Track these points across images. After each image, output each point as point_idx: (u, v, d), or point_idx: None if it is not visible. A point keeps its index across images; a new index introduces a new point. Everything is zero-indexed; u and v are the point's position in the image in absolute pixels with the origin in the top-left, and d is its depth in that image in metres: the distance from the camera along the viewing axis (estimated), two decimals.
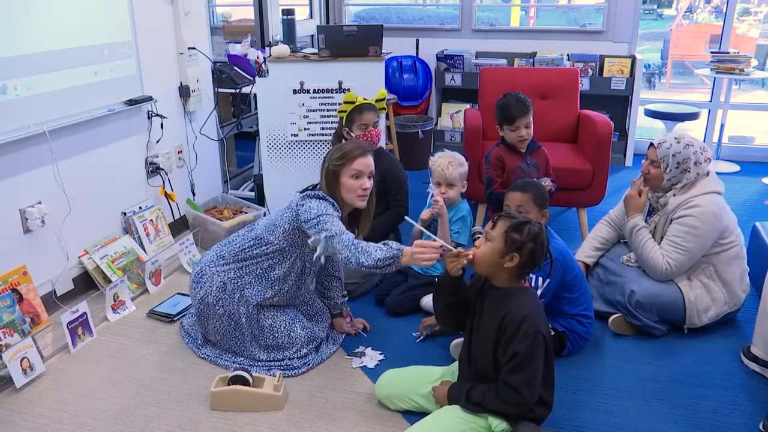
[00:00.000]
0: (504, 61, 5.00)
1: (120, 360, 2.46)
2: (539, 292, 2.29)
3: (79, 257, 2.93)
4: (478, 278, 2.04)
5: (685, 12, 9.81)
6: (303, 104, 3.48)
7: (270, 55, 3.50)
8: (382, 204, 2.94)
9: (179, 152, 3.59)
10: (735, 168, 4.86)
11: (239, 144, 4.63)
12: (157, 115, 3.29)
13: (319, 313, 2.59)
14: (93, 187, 2.98)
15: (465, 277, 2.02)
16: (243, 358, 2.41)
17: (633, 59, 4.80)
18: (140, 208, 3.27)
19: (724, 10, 5.00)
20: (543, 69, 4.55)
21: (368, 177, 2.34)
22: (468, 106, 4.78)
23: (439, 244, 2.01)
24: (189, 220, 3.60)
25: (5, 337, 2.42)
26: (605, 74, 4.84)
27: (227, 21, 5.72)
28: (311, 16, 5.25)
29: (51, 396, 2.25)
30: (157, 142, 3.36)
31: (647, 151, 2.63)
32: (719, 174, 2.67)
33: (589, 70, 4.84)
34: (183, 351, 2.51)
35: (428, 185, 2.85)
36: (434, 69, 5.21)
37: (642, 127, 5.22)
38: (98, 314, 2.73)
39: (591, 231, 2.96)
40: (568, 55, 4.92)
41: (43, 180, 2.68)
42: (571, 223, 3.66)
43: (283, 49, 3.49)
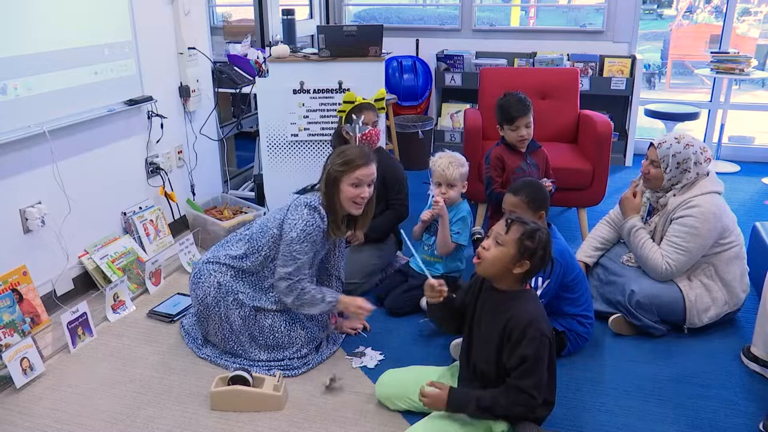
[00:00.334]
0: (504, 61, 5.00)
1: (120, 360, 2.46)
2: (539, 293, 2.28)
3: (79, 257, 2.93)
4: (477, 279, 2.04)
5: (685, 12, 9.81)
6: (303, 104, 3.48)
7: (270, 55, 3.50)
8: (382, 203, 2.94)
9: (179, 152, 3.59)
10: (735, 168, 4.86)
11: (239, 144, 4.63)
12: (157, 115, 3.29)
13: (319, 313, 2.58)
14: (93, 187, 2.98)
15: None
16: (243, 359, 2.41)
17: (633, 59, 4.80)
18: (140, 208, 3.27)
19: (724, 10, 5.00)
20: (543, 69, 4.55)
21: (368, 185, 2.35)
22: (468, 106, 4.78)
23: (370, 308, 2.36)
24: (189, 220, 3.60)
25: (5, 337, 2.42)
26: (605, 74, 4.84)
27: (227, 21, 5.72)
28: (311, 16, 5.25)
29: (51, 396, 2.25)
30: (157, 142, 3.36)
31: (647, 151, 2.63)
32: (719, 174, 2.67)
33: (589, 70, 4.84)
34: (183, 351, 2.51)
35: (428, 185, 2.85)
36: (434, 69, 5.21)
37: (642, 127, 5.22)
38: (98, 314, 2.73)
39: (591, 231, 2.96)
40: (568, 55, 4.92)
41: (43, 180, 2.68)
42: (571, 223, 3.66)
43: (283, 49, 3.49)
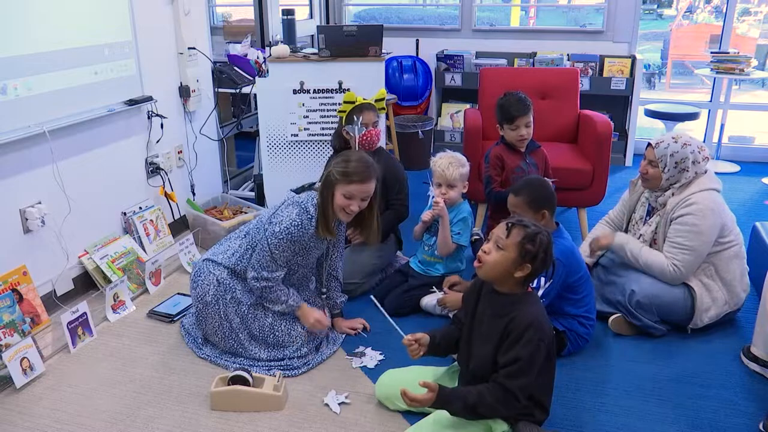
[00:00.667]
0: (504, 61, 5.00)
1: (120, 360, 2.46)
2: (540, 293, 2.28)
3: (79, 257, 2.93)
4: (477, 282, 2.04)
5: (685, 12, 9.81)
6: (303, 104, 3.48)
7: (270, 55, 3.50)
8: (383, 203, 2.94)
9: (179, 152, 3.59)
10: (735, 168, 4.85)
11: (239, 144, 4.63)
12: (157, 115, 3.29)
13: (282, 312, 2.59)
14: (93, 187, 2.98)
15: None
16: (243, 359, 2.41)
17: (633, 59, 4.80)
18: (140, 208, 3.27)
19: (724, 10, 4.99)
20: (543, 69, 4.54)
21: (361, 200, 2.36)
22: (468, 106, 4.78)
23: (327, 323, 2.45)
24: (189, 220, 3.60)
25: (5, 337, 2.42)
26: (605, 74, 4.84)
27: (227, 21, 5.72)
28: (311, 16, 5.25)
29: (51, 396, 2.25)
30: (157, 142, 3.36)
31: (645, 152, 2.63)
32: (719, 174, 2.67)
33: (589, 70, 4.84)
34: (183, 351, 2.51)
35: (428, 185, 2.85)
36: (434, 69, 5.21)
37: (642, 127, 5.22)
38: (98, 314, 2.73)
39: (591, 231, 2.96)
40: (568, 55, 4.92)
41: (43, 180, 2.68)
42: (571, 223, 3.66)
43: (283, 49, 3.49)
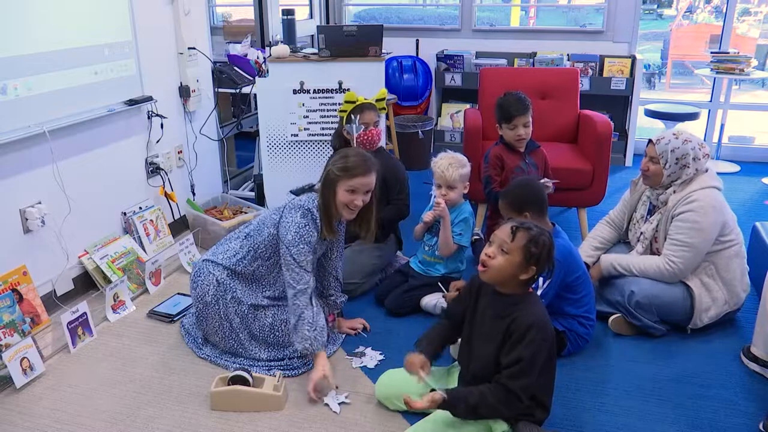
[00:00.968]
0: (504, 61, 5.00)
1: (120, 360, 2.46)
2: (539, 293, 2.28)
3: (79, 257, 2.93)
4: (474, 281, 2.04)
5: (685, 12, 9.82)
6: (303, 104, 3.48)
7: (270, 55, 3.50)
8: (384, 203, 2.93)
9: (179, 152, 3.59)
10: (735, 168, 4.85)
11: (239, 144, 4.63)
12: (157, 115, 3.29)
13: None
14: (93, 187, 2.97)
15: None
16: (243, 359, 2.41)
17: (633, 59, 4.80)
18: (140, 208, 3.27)
19: (724, 10, 4.99)
20: (543, 69, 4.54)
21: (364, 193, 2.36)
22: (468, 106, 4.78)
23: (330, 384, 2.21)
24: (189, 220, 3.60)
25: (5, 337, 2.42)
26: (605, 74, 4.84)
27: (227, 21, 5.72)
28: (311, 16, 5.25)
29: (51, 396, 2.25)
30: (157, 142, 3.36)
31: (646, 148, 2.63)
32: (719, 174, 2.66)
33: (589, 70, 4.84)
34: (183, 351, 2.51)
35: (429, 185, 2.85)
36: (434, 69, 5.21)
37: (642, 127, 5.22)
38: (98, 314, 2.73)
39: (591, 231, 2.96)
40: (568, 55, 4.92)
41: (43, 180, 2.68)
42: (571, 223, 3.66)
43: (283, 49, 3.49)
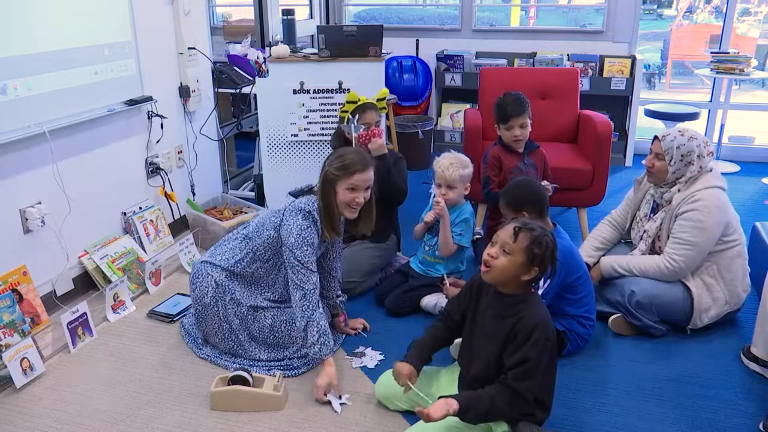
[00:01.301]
0: (504, 61, 5.00)
1: (120, 360, 2.46)
2: (540, 293, 2.28)
3: (79, 257, 2.93)
4: (473, 281, 2.04)
5: (685, 12, 9.82)
6: (303, 104, 3.48)
7: (270, 55, 3.50)
8: (383, 204, 2.93)
9: (179, 152, 3.59)
10: (735, 168, 4.85)
11: (239, 144, 4.63)
12: (157, 115, 3.29)
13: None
14: (93, 187, 2.97)
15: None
16: (243, 359, 2.41)
17: (633, 59, 4.80)
18: (140, 208, 3.27)
19: (724, 10, 5.00)
20: (543, 69, 4.55)
21: (365, 190, 2.36)
22: (468, 106, 4.78)
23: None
24: (189, 220, 3.60)
25: (5, 337, 2.42)
26: (605, 74, 4.84)
27: (227, 21, 5.72)
28: (311, 16, 5.25)
29: (51, 396, 2.25)
30: (157, 142, 3.36)
31: (651, 145, 2.62)
32: None
33: (589, 71, 4.84)
34: (183, 351, 2.51)
35: (429, 185, 2.85)
36: (434, 69, 5.21)
37: (642, 128, 5.22)
38: (98, 314, 2.73)
39: (592, 231, 2.95)
40: (568, 55, 4.92)
41: (43, 180, 2.68)
42: (571, 223, 3.66)
43: (283, 49, 3.49)
